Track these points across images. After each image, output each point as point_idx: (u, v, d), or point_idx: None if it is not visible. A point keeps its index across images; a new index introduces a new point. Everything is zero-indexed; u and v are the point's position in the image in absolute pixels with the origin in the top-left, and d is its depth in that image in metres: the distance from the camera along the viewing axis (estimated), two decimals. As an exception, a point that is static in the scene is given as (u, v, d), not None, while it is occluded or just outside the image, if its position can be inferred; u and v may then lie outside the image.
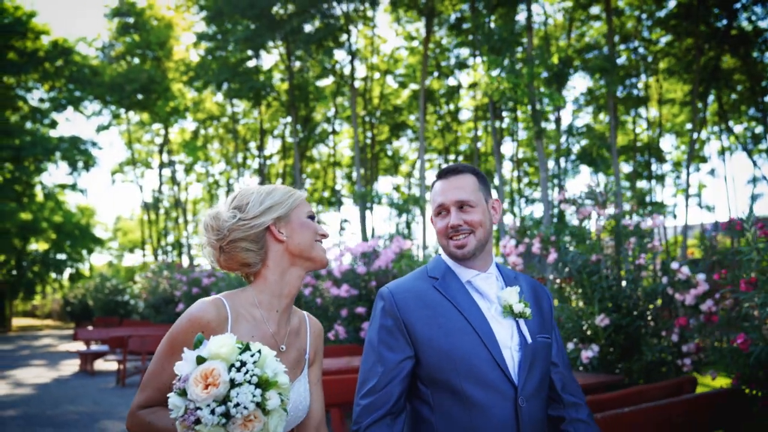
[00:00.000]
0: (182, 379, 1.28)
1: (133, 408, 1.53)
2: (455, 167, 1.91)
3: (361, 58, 33.23)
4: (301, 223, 1.69)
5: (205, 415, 1.23)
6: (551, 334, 1.91)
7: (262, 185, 1.73)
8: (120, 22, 35.55)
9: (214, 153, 41.34)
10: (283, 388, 1.32)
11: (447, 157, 37.96)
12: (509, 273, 1.94)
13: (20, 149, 30.20)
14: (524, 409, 1.71)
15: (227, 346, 1.29)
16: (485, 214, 1.87)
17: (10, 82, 33.61)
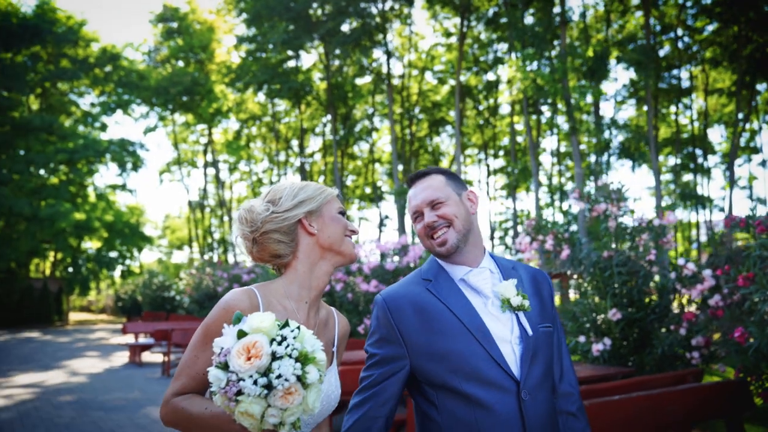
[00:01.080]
0: (223, 353, 1.30)
1: (167, 396, 1.55)
2: (421, 172, 1.93)
3: (397, 56, 33.47)
4: (331, 217, 1.73)
5: (248, 386, 1.25)
6: (553, 322, 1.87)
7: (296, 182, 1.78)
8: (164, 27, 36.77)
9: (257, 152, 42.31)
10: (320, 365, 1.34)
11: (487, 152, 37.90)
12: (506, 264, 1.90)
13: (74, 152, 31.64)
14: (528, 403, 1.69)
15: (268, 321, 1.32)
16: (459, 206, 1.85)
17: (64, 89, 35.25)
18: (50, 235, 29.64)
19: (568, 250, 5.95)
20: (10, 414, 7.82)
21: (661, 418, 3.87)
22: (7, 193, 28.71)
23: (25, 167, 30.60)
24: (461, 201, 1.87)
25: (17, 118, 31.77)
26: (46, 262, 36.78)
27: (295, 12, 26.21)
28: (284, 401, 1.27)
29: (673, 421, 3.96)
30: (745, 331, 4.24)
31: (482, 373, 1.70)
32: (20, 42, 32.27)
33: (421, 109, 37.68)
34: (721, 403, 4.31)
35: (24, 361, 13.81)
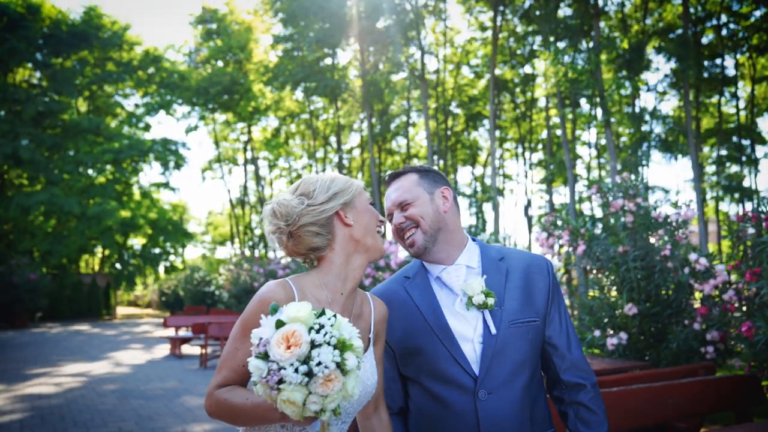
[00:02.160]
0: (262, 343, 1.32)
1: (210, 389, 1.58)
2: (396, 171, 1.95)
3: (432, 52, 33.48)
4: (364, 208, 1.73)
5: (288, 374, 1.27)
6: (542, 314, 1.83)
7: (320, 174, 1.79)
8: (204, 28, 37.70)
9: (296, 149, 42.97)
10: (358, 351, 1.35)
11: (525, 146, 37.57)
12: (494, 255, 1.88)
13: (119, 152, 32.81)
14: (485, 402, 1.70)
15: (305, 310, 1.34)
16: (427, 206, 1.84)
17: (110, 91, 36.54)
18: (98, 233, 30.88)
19: (584, 245, 6.01)
20: (59, 400, 8.35)
21: (662, 411, 3.95)
22: (58, 192, 30.04)
23: (74, 167, 31.91)
24: (432, 200, 1.85)
25: (67, 121, 33.14)
26: (95, 258, 38.28)
27: (330, 11, 26.54)
28: (325, 388, 1.28)
29: (676, 413, 4.04)
30: (753, 325, 4.27)
31: (443, 371, 1.74)
32: (69, 48, 33.66)
33: (457, 103, 37.65)
34: (728, 397, 4.35)
35: (73, 353, 14.55)
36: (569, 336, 1.88)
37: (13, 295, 24.38)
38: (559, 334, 1.86)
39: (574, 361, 1.86)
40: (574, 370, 1.85)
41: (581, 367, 1.86)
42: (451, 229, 1.87)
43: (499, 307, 1.77)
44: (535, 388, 1.82)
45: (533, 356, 1.80)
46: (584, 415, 1.83)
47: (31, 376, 10.69)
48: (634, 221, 6.11)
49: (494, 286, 1.79)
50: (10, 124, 30.74)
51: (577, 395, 1.84)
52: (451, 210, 1.89)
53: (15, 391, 9.13)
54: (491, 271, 1.82)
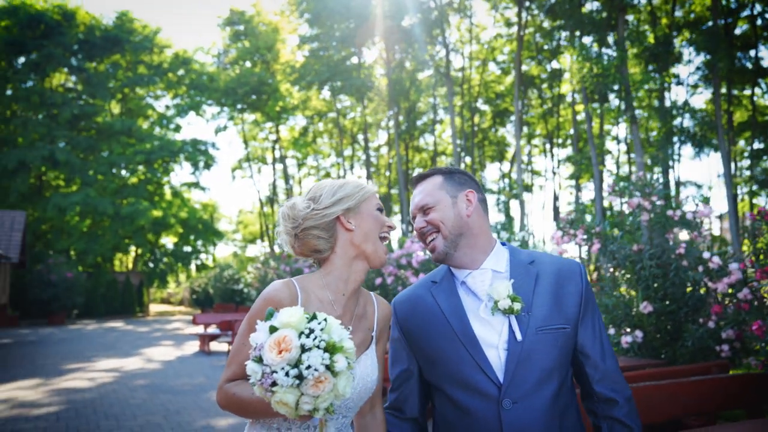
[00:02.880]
0: (257, 347, 1.38)
1: (220, 383, 1.65)
2: (421, 174, 1.91)
3: (456, 50, 33.41)
4: (369, 214, 1.77)
5: (280, 377, 1.33)
6: (574, 321, 1.75)
7: (336, 179, 1.83)
8: (232, 30, 38.29)
9: (324, 147, 43.36)
10: (349, 353, 1.39)
11: (553, 142, 37.23)
12: (524, 259, 1.82)
13: (151, 153, 33.62)
14: (510, 411, 1.65)
15: (296, 316, 1.40)
16: (449, 210, 1.79)
17: (141, 93, 37.41)
18: (131, 232, 31.71)
19: (599, 243, 6.04)
20: (92, 394, 8.69)
21: (670, 408, 3.99)
22: (93, 193, 30.92)
23: (108, 168, 32.80)
24: (455, 203, 1.80)
25: (101, 123, 34.06)
26: (128, 257, 39.25)
27: (354, 11, 26.73)
28: (315, 389, 1.33)
29: (685, 411, 4.07)
30: (763, 324, 4.27)
31: (466, 379, 1.70)
32: (102, 52, 34.60)
33: (484, 100, 37.54)
34: (739, 395, 4.36)
35: (107, 348, 15.04)
36: (603, 345, 1.77)
37: (51, 293, 25.22)
38: (593, 343, 1.76)
39: (607, 372, 1.76)
40: (607, 382, 1.75)
41: (615, 379, 1.76)
42: (475, 233, 1.80)
43: (526, 313, 1.69)
44: (565, 397, 1.72)
45: (563, 364, 1.72)
46: (618, 430, 1.73)
47: (66, 370, 11.13)
48: (649, 220, 6.12)
49: (522, 291, 1.72)
50: (47, 128, 31.74)
51: (612, 410, 1.74)
52: (476, 213, 1.82)
53: (52, 384, 9.53)
54: (520, 275, 1.75)
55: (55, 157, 30.65)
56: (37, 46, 32.44)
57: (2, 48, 32.42)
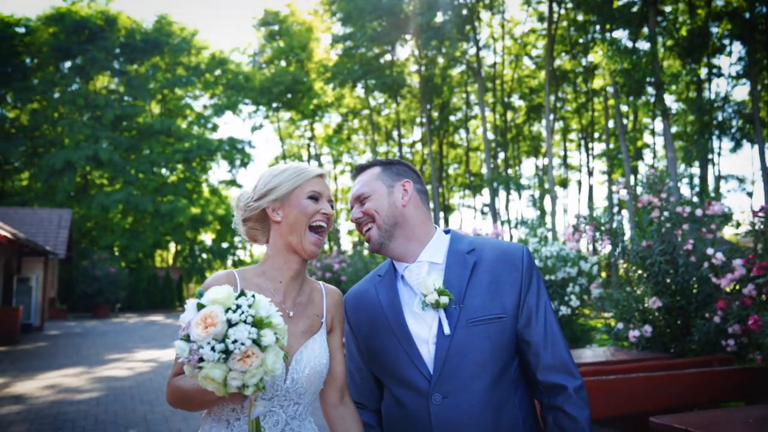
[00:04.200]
0: (185, 326, 1.36)
1: (168, 379, 1.62)
2: (360, 166, 1.87)
3: (488, 46, 33.33)
4: (297, 204, 1.68)
5: (206, 352, 1.30)
6: (512, 309, 1.66)
7: (280, 165, 1.76)
8: (267, 30, 39.00)
9: (360, 144, 43.79)
10: (278, 329, 1.37)
11: (591, 137, 36.75)
12: (461, 249, 1.74)
13: (189, 152, 34.63)
14: (439, 406, 1.60)
15: (223, 293, 1.37)
16: (384, 199, 1.75)
17: (180, 94, 38.47)
18: (170, 229, 32.75)
19: (608, 240, 6.17)
20: (130, 382, 9.23)
21: (662, 399, 4.15)
22: (134, 191, 32.05)
23: (148, 167, 33.92)
24: (391, 193, 1.76)
25: (141, 123, 35.22)
26: (168, 253, 40.45)
27: (385, 9, 26.98)
28: (243, 364, 1.31)
29: (679, 402, 4.22)
30: (759, 318, 4.38)
31: (401, 373, 1.68)
32: (143, 55, 35.77)
33: (518, 95, 37.33)
34: (735, 388, 4.48)
35: (146, 340, 15.73)
36: (547, 332, 1.66)
37: (95, 287, 26.31)
38: (534, 329, 1.65)
39: (552, 360, 1.64)
40: (551, 370, 1.64)
41: (561, 368, 1.64)
42: (411, 223, 1.74)
43: (457, 305, 1.64)
44: (505, 390, 1.63)
45: (499, 356, 1.62)
46: (562, 421, 1.61)
47: (108, 360, 11.76)
48: (659, 216, 6.22)
49: (456, 282, 1.66)
50: (92, 128, 33.01)
51: (555, 399, 1.62)
52: (412, 203, 1.76)
53: (94, 373, 10.13)
54: (455, 265, 1.69)
55: (98, 157, 31.86)
56: (82, 50, 33.78)
57: (50, 53, 33.90)
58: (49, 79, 33.88)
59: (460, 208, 46.19)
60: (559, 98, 35.79)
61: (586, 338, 8.12)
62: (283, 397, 1.59)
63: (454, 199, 46.11)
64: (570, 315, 8.05)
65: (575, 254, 8.13)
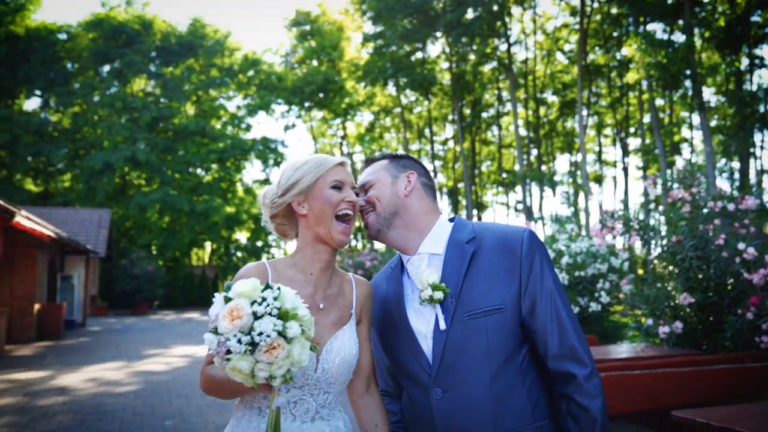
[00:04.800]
0: (214, 318, 1.39)
1: (201, 368, 1.65)
2: (369, 158, 1.89)
3: (519, 41, 33.03)
4: (320, 195, 1.67)
5: (233, 345, 1.32)
6: (511, 298, 1.61)
7: (300, 158, 1.75)
8: (299, 30, 39.41)
9: (393, 142, 43.91)
10: (304, 320, 1.39)
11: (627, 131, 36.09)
12: (461, 238, 1.70)
13: (223, 152, 35.25)
14: (440, 400, 1.61)
15: (249, 286, 1.40)
16: (386, 188, 1.75)
17: (214, 95, 39.17)
18: (206, 228, 33.41)
19: (637, 236, 6.12)
20: (167, 376, 9.51)
21: (689, 394, 4.11)
22: (170, 191, 32.80)
23: (184, 168, 34.66)
24: (394, 183, 1.76)
25: (177, 124, 36.00)
26: (204, 251, 41.25)
27: (415, 6, 26.98)
28: (269, 356, 1.33)
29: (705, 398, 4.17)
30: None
31: (406, 368, 1.69)
32: (178, 57, 36.57)
33: (552, 91, 36.90)
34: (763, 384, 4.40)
35: (183, 336, 16.13)
36: (553, 319, 1.60)
37: (134, 285, 27.04)
38: (539, 317, 1.60)
39: (560, 348, 1.59)
40: (559, 358, 1.59)
41: (569, 356, 1.59)
42: (412, 213, 1.74)
43: (453, 299, 1.62)
44: (510, 380, 1.60)
45: (501, 348, 1.60)
46: (574, 410, 1.57)
47: (146, 355, 12.12)
48: (691, 211, 6.13)
49: (452, 275, 1.64)
50: (129, 130, 33.89)
51: (566, 387, 1.59)
52: (415, 194, 1.76)
53: (133, 367, 10.46)
54: (453, 256, 1.66)
55: (136, 158, 32.69)
56: (120, 54, 34.72)
57: (90, 58, 34.96)
58: (89, 83, 34.91)
59: (493, 205, 45.95)
60: (593, 93, 35.23)
61: (617, 335, 8.04)
62: (313, 386, 1.61)
63: (487, 197, 45.87)
64: (600, 311, 7.98)
65: (606, 250, 8.05)
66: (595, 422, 1.54)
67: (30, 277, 14.99)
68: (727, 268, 5.77)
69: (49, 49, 34.79)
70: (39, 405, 7.22)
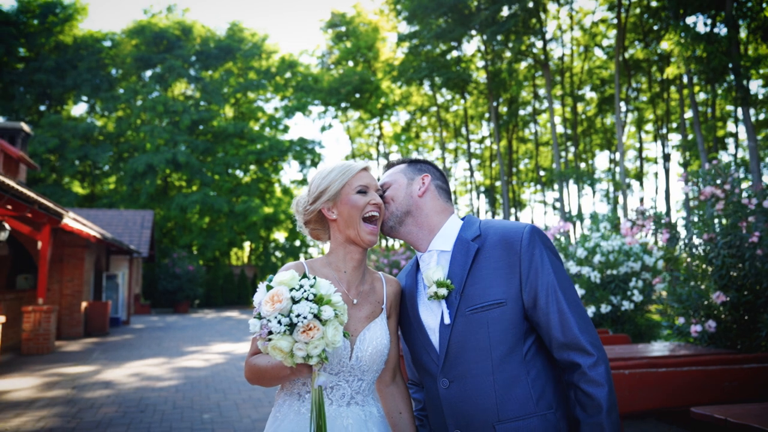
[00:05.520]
0: (257, 305, 1.55)
1: (246, 359, 1.80)
2: (389, 162, 2.03)
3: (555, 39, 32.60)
4: (347, 201, 1.81)
5: (273, 326, 1.48)
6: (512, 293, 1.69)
7: (327, 165, 1.89)
8: (334, 32, 39.77)
9: (430, 141, 43.93)
10: (337, 306, 1.53)
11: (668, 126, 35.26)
12: (467, 236, 1.80)
13: (261, 153, 35.86)
14: (447, 390, 1.72)
15: (288, 275, 1.56)
16: (402, 189, 1.88)
17: (252, 97, 39.88)
18: (244, 228, 34.06)
19: (667, 234, 6.06)
20: (206, 372, 9.82)
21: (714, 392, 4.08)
22: (210, 192, 33.56)
23: (223, 169, 35.40)
24: (410, 185, 1.88)
25: (216, 127, 36.79)
26: (243, 251, 42.02)
27: (448, 6, 26.94)
28: (306, 336, 1.48)
29: (732, 396, 4.14)
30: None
31: (420, 360, 1.82)
32: (216, 61, 37.38)
33: (590, 87, 36.31)
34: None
35: (222, 335, 16.54)
36: (555, 311, 1.67)
37: (176, 284, 27.79)
38: (541, 310, 1.67)
39: (563, 338, 1.66)
40: (564, 348, 1.66)
41: (573, 346, 1.65)
42: (425, 212, 1.85)
43: (457, 294, 1.72)
44: (513, 370, 1.68)
45: (503, 340, 1.68)
46: (581, 398, 1.64)
47: (186, 352, 12.51)
48: (724, 209, 6.04)
49: (457, 272, 1.74)
50: (170, 133, 34.81)
51: (572, 376, 1.66)
52: (429, 195, 1.88)
53: (174, 363, 10.83)
54: (459, 254, 1.77)
55: (177, 160, 33.56)
56: (161, 59, 35.72)
57: (133, 64, 36.08)
58: (132, 88, 36.01)
59: (531, 203, 45.47)
60: (633, 88, 34.50)
61: (651, 334, 7.94)
62: (348, 373, 1.74)
63: (525, 195, 45.43)
64: (633, 310, 7.91)
65: (639, 248, 7.98)
66: (601, 409, 1.60)
67: (78, 277, 15.62)
68: (763, 266, 5.67)
69: (95, 56, 36.06)
70: (86, 397, 7.58)
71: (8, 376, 9.17)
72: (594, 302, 7.86)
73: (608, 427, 1.60)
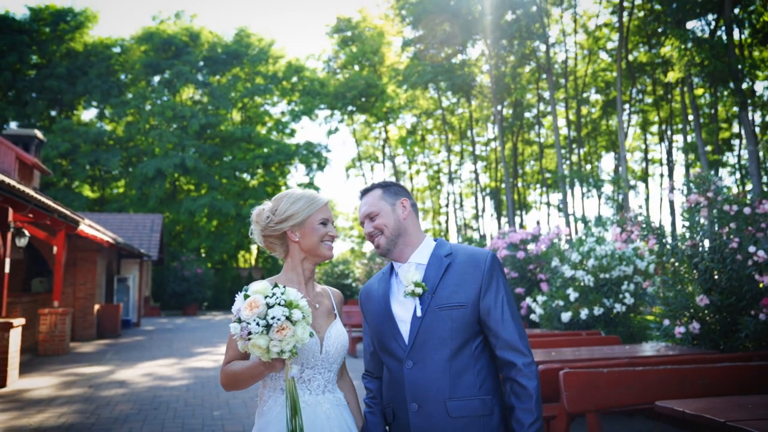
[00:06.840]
0: (236, 312, 1.83)
1: (222, 367, 2.04)
2: (365, 188, 2.32)
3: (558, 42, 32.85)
4: (312, 228, 2.14)
5: (252, 327, 1.76)
6: (472, 301, 2.09)
7: (296, 192, 2.19)
8: (340, 36, 40.16)
9: (435, 144, 44.18)
10: (304, 309, 1.83)
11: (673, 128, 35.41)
12: (441, 253, 2.19)
13: (268, 157, 36.27)
14: (411, 370, 2.07)
15: (262, 285, 1.86)
16: (390, 216, 2.21)
17: (259, 102, 40.33)
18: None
19: (654, 239, 6.37)
20: (215, 372, 10.18)
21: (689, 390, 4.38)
22: (218, 196, 34.00)
23: (230, 173, 35.86)
24: (393, 210, 2.22)
25: (224, 131, 37.25)
26: (251, 254, 42.45)
27: (452, 12, 27.26)
28: (280, 334, 1.76)
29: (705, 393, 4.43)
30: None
31: (387, 345, 2.16)
32: (224, 67, 37.87)
33: (595, 89, 36.52)
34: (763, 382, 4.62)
35: (231, 336, 16.90)
36: (503, 317, 2.08)
37: (184, 287, 28.20)
38: (493, 317, 2.08)
39: (507, 340, 2.06)
40: (507, 348, 2.06)
41: (513, 348, 2.06)
42: (410, 232, 2.23)
43: (430, 294, 2.11)
44: (464, 361, 2.07)
45: (459, 335, 2.06)
46: (516, 389, 2.03)
47: (196, 353, 12.89)
48: (708, 215, 6.35)
49: (432, 278, 2.14)
50: (179, 138, 35.31)
51: (510, 372, 2.05)
52: (410, 217, 2.25)
53: (184, 364, 11.20)
54: (433, 266, 2.16)
55: (185, 164, 34.02)
56: (169, 65, 36.24)
57: (142, 70, 36.60)
58: (141, 94, 36.55)
59: (537, 205, 45.67)
60: (638, 90, 34.70)
61: (642, 335, 8.23)
62: (320, 366, 2.07)
63: (531, 197, 45.65)
64: (625, 312, 8.20)
65: (631, 252, 8.27)
66: (531, 397, 2.02)
67: (91, 280, 16.04)
68: (742, 270, 5.97)
69: (104, 62, 36.63)
70: (102, 395, 7.96)
71: (28, 375, 9.58)
72: (587, 304, 8.16)
73: (536, 411, 2.02)
